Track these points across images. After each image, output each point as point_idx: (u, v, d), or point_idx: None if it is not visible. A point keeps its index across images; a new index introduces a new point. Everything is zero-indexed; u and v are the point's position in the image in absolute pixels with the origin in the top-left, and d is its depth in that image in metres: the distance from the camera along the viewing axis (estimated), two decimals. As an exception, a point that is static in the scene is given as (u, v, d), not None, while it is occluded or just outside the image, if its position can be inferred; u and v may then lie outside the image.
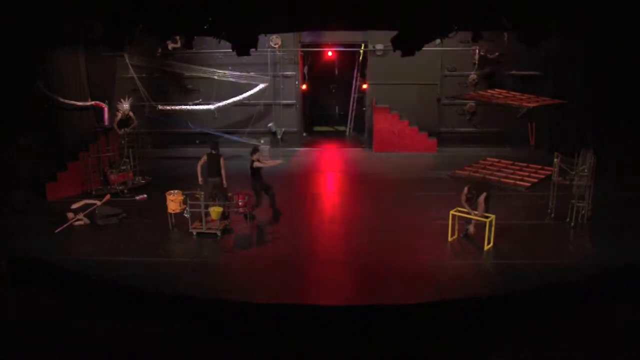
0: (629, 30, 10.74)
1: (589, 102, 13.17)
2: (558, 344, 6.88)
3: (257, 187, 10.34)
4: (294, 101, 17.14)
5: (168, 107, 15.94)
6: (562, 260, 8.58)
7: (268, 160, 10.23)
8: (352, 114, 19.35)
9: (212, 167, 10.20)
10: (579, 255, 8.88)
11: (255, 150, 10.31)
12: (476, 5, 8.84)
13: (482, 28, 9.78)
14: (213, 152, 10.25)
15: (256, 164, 10.14)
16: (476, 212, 9.15)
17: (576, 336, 7.03)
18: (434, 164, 15.44)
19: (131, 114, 13.09)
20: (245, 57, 10.68)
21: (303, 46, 17.31)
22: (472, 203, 9.21)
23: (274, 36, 15.89)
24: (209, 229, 9.79)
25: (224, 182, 10.27)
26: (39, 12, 10.10)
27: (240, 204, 9.83)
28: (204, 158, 10.26)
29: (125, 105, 12.90)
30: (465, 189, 9.29)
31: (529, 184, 12.69)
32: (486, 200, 9.15)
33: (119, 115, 12.90)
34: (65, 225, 10.07)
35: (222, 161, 10.23)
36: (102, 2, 9.69)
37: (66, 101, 12.83)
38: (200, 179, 10.24)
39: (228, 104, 16.01)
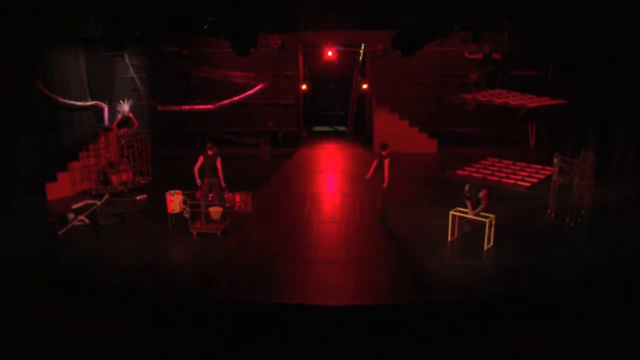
0: (628, 29, 10.76)
1: (589, 102, 13.18)
2: (558, 344, 6.88)
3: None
4: (294, 101, 17.14)
5: (168, 108, 15.93)
6: (562, 260, 8.58)
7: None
8: (352, 114, 19.35)
9: (209, 168, 10.18)
10: (579, 255, 8.88)
11: (385, 146, 10.28)
12: (476, 5, 8.86)
13: (482, 28, 9.81)
14: (209, 152, 10.22)
15: (386, 161, 10.17)
16: (474, 212, 9.17)
17: (576, 336, 7.04)
18: (434, 164, 15.43)
19: (131, 115, 13.08)
20: (245, 57, 10.69)
21: (303, 46, 17.31)
22: (472, 201, 9.24)
23: (274, 36, 15.89)
24: (209, 229, 9.80)
25: (222, 182, 10.23)
26: (38, 12, 10.11)
27: (237, 202, 9.83)
28: (201, 159, 10.23)
29: (125, 107, 12.89)
30: (466, 187, 9.36)
31: (529, 184, 12.70)
32: (488, 196, 9.14)
33: (119, 116, 12.89)
34: (67, 227, 10.06)
35: (219, 161, 10.21)
36: (103, 2, 9.72)
37: (66, 101, 12.84)
38: (198, 181, 10.22)
39: (228, 104, 16.00)
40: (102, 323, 7.42)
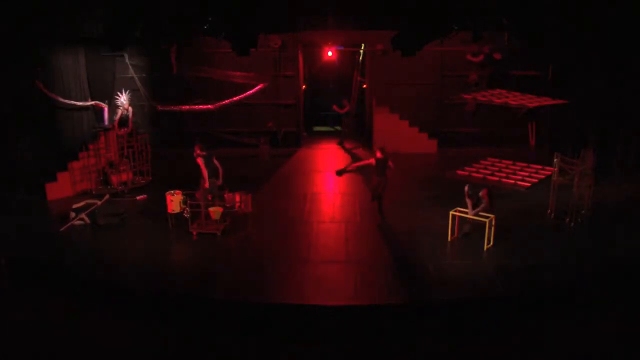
0: (628, 29, 10.77)
1: (589, 102, 13.17)
2: (558, 344, 6.89)
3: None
4: (294, 101, 17.14)
5: (168, 108, 15.92)
6: (562, 260, 8.58)
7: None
8: (351, 114, 19.32)
9: (211, 168, 10.21)
10: (579, 255, 8.88)
11: (384, 150, 10.21)
12: (476, 5, 8.87)
13: (482, 28, 9.81)
14: (205, 153, 10.24)
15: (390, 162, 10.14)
16: (474, 211, 9.18)
17: (575, 336, 7.04)
18: (434, 164, 15.43)
19: (130, 109, 13.03)
20: (245, 57, 10.67)
21: (303, 46, 17.31)
22: (473, 200, 9.25)
23: (274, 36, 15.87)
24: (209, 229, 9.80)
25: (221, 178, 10.27)
26: (38, 12, 10.12)
27: (237, 202, 9.85)
28: (204, 160, 10.23)
29: (123, 99, 12.83)
30: (466, 187, 9.38)
31: (529, 184, 12.69)
32: (488, 195, 9.14)
33: (120, 112, 12.86)
34: (68, 224, 10.08)
35: (215, 160, 10.27)
36: (103, 2, 9.74)
37: (66, 101, 12.84)
38: (207, 183, 10.22)
39: (228, 104, 15.99)
40: (102, 323, 7.42)
